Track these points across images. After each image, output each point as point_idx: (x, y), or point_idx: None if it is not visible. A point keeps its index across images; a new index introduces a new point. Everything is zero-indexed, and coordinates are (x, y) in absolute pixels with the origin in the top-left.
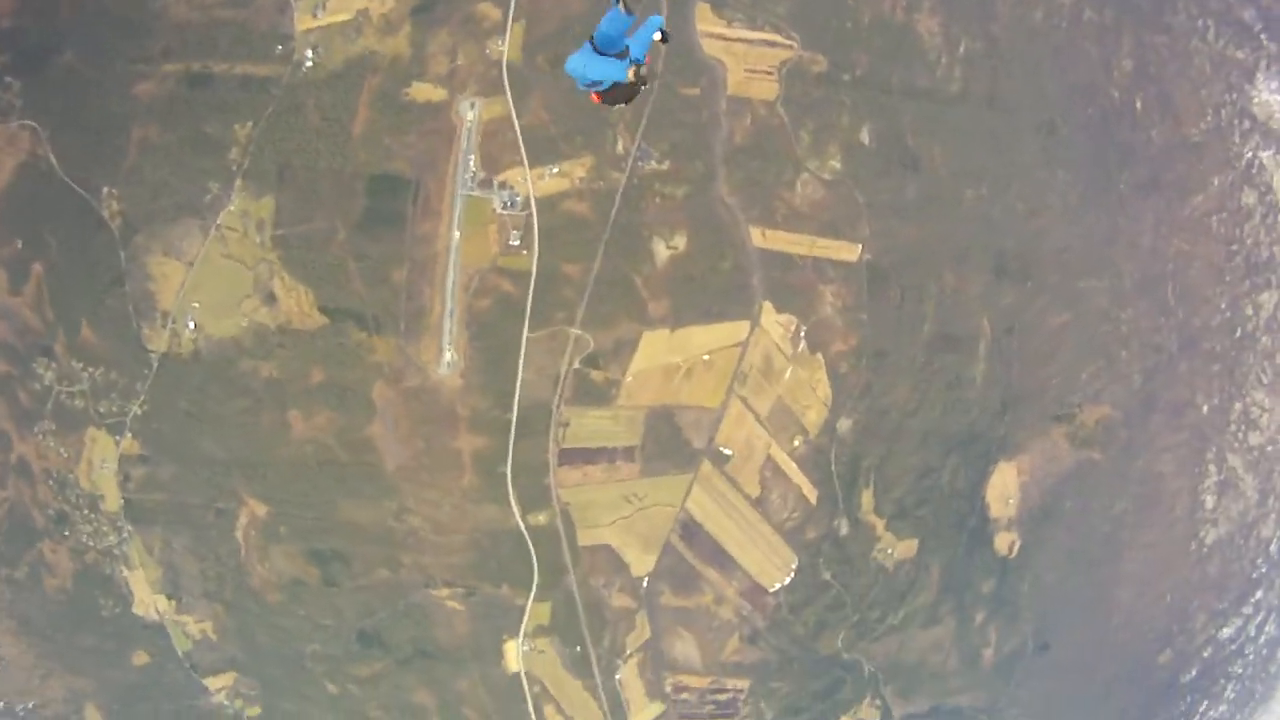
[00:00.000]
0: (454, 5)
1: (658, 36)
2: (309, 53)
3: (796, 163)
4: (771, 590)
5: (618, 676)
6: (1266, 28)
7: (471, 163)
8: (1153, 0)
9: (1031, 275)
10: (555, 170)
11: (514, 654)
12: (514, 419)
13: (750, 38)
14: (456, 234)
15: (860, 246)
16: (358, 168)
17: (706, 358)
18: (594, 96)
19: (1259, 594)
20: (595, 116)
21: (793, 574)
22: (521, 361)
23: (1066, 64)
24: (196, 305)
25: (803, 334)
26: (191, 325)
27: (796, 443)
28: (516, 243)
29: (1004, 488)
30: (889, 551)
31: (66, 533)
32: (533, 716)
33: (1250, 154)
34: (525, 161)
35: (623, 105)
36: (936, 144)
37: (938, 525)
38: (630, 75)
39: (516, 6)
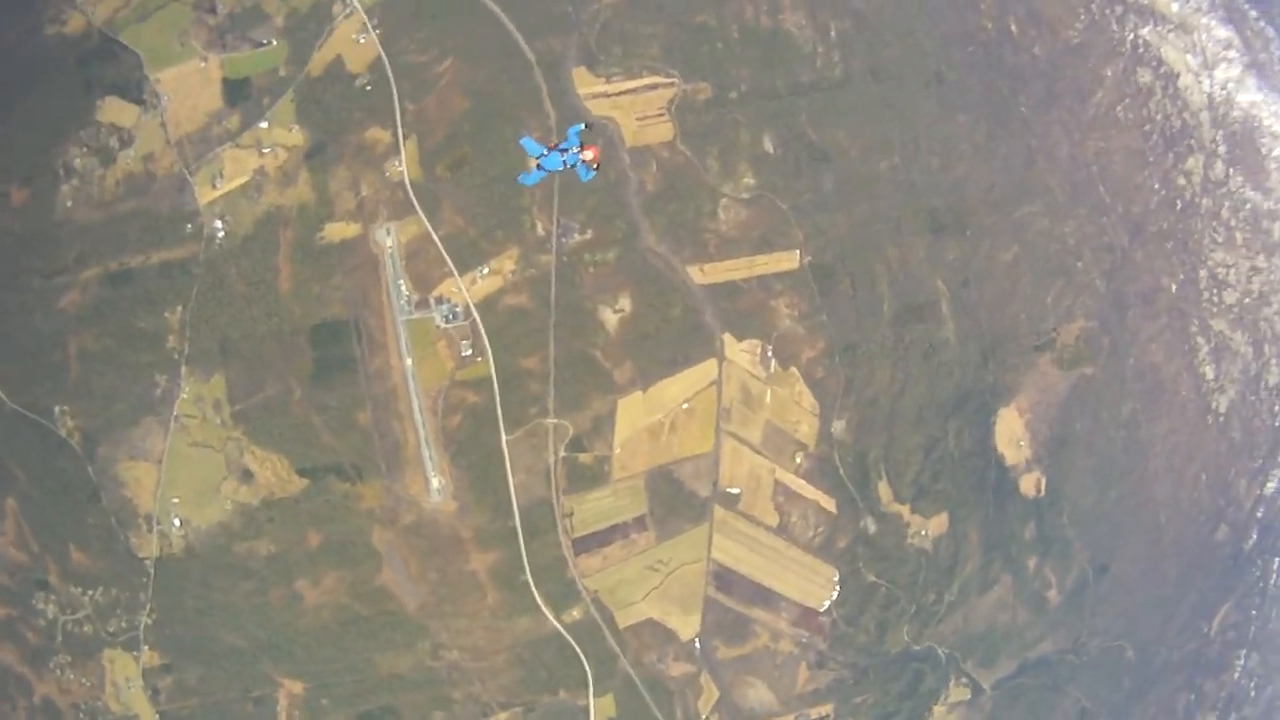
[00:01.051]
0: (344, 140)
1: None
2: (218, 224)
3: (712, 191)
4: (822, 610)
5: None
6: None
7: (403, 287)
8: None
9: (968, 223)
10: (485, 271)
11: None
12: (518, 525)
13: (632, 87)
14: (408, 361)
15: (798, 251)
16: (295, 323)
17: (685, 406)
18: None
19: None
20: (509, 207)
21: (837, 587)
22: (508, 466)
23: (934, 12)
24: (176, 501)
25: (770, 353)
26: (177, 522)
27: (799, 459)
28: (469, 352)
29: (1011, 433)
30: (923, 533)
31: None
32: None
33: (1131, 35)
34: (454, 271)
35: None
36: (838, 130)
37: (961, 492)
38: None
39: (404, 124)
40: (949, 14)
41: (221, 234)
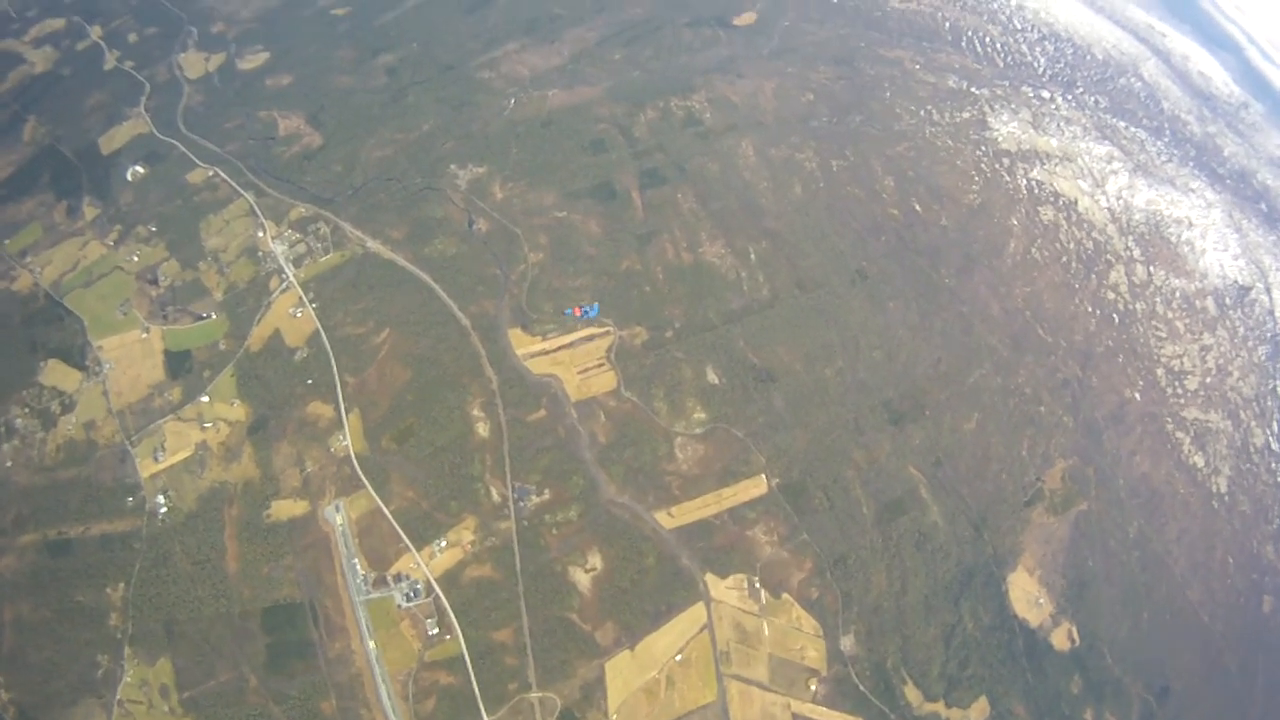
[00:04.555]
0: (286, 415)
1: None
2: (160, 498)
3: (665, 433)
4: None
5: None
6: (970, 81)
7: (358, 566)
8: (829, 119)
9: (925, 404)
10: (443, 544)
11: None
12: None
13: (569, 341)
14: (371, 644)
15: (764, 476)
16: (245, 605)
17: (679, 658)
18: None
19: None
20: (460, 476)
21: None
22: None
23: (843, 213)
24: None
25: (758, 585)
26: None
27: (813, 686)
28: (436, 630)
29: (1027, 594)
30: None
31: None
32: None
33: (1024, 180)
34: (410, 546)
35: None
36: (777, 348)
37: (994, 670)
38: None
39: (345, 397)
40: (856, 211)
41: (164, 509)
